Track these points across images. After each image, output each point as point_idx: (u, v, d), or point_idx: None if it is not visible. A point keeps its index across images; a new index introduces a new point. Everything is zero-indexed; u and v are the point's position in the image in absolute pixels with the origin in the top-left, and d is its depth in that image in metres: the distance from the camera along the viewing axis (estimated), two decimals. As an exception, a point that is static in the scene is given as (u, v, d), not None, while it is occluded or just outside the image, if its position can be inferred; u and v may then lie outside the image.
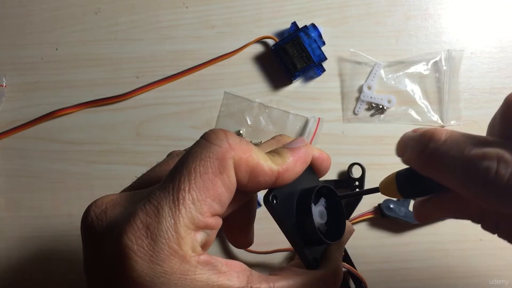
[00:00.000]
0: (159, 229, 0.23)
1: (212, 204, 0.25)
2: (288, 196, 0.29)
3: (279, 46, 0.52)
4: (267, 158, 0.26)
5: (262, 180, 0.26)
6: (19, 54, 0.55)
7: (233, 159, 0.25)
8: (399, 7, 0.56)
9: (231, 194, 0.25)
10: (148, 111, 0.54)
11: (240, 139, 0.26)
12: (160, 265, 0.23)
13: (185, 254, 0.24)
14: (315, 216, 0.29)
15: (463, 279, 0.51)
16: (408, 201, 0.51)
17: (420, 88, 0.54)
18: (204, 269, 0.24)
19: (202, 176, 0.24)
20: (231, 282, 0.25)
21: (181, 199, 0.24)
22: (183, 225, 0.24)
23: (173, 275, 0.23)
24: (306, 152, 0.29)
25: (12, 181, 0.53)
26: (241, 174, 0.25)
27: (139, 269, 0.23)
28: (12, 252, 0.52)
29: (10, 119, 0.54)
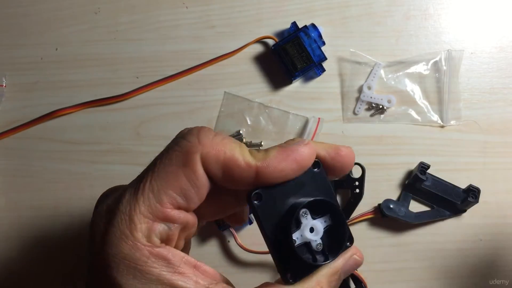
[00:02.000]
0: (115, 213, 0.24)
1: (173, 196, 0.24)
2: (279, 201, 0.26)
3: (279, 46, 0.52)
4: (245, 153, 0.26)
5: (237, 175, 0.25)
6: (19, 54, 0.55)
7: (200, 153, 0.25)
8: (399, 7, 0.56)
9: (198, 188, 0.25)
10: (148, 111, 0.54)
11: (214, 135, 0.26)
12: (110, 247, 0.24)
13: (136, 241, 0.24)
14: (305, 230, 0.27)
15: (463, 279, 0.51)
16: (409, 201, 0.51)
17: (420, 88, 0.54)
18: (157, 263, 0.24)
19: (166, 168, 0.25)
20: (185, 285, 0.24)
21: (141, 188, 0.24)
22: (139, 212, 0.24)
23: (122, 260, 0.23)
24: (298, 151, 0.26)
25: (12, 181, 0.53)
26: (213, 168, 0.25)
27: (96, 247, 0.25)
28: (12, 252, 0.52)
29: (10, 119, 0.54)
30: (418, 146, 0.53)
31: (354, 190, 0.51)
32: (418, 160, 0.51)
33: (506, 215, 0.52)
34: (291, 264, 0.26)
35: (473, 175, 0.52)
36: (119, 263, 0.24)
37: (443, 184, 0.51)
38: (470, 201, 0.49)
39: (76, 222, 0.52)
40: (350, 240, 0.28)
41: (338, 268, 0.27)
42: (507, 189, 0.52)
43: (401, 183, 0.52)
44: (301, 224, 0.27)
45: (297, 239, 0.26)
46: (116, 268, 0.24)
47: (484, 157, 0.53)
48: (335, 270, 0.27)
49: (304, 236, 0.26)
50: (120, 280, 0.23)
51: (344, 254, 0.28)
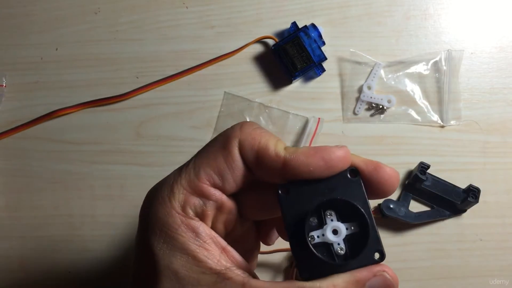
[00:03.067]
0: (162, 183, 0.27)
1: (211, 174, 0.27)
2: (306, 198, 0.26)
3: (279, 46, 0.52)
4: (278, 145, 0.27)
5: (267, 163, 0.27)
6: (19, 54, 0.55)
7: (238, 139, 0.27)
8: (399, 7, 0.56)
9: (233, 170, 0.27)
10: (148, 111, 0.54)
11: (256, 127, 0.28)
12: (151, 210, 0.26)
13: (171, 207, 0.26)
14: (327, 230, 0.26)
15: (463, 279, 0.51)
16: (408, 201, 0.51)
17: (420, 88, 0.54)
18: (186, 233, 0.26)
19: (208, 149, 0.28)
20: (207, 259, 0.25)
21: (186, 164, 0.27)
22: (179, 184, 0.26)
23: (157, 223, 0.26)
24: (328, 150, 0.26)
25: (12, 181, 0.53)
26: (247, 154, 0.27)
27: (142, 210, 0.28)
28: (12, 252, 0.52)
29: (10, 119, 0.54)
30: (418, 146, 0.53)
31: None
32: (418, 160, 0.51)
33: (506, 215, 0.52)
34: (310, 262, 0.26)
35: (473, 175, 0.52)
36: (154, 225, 0.26)
37: (443, 184, 0.51)
38: (470, 201, 0.49)
39: (76, 222, 0.52)
40: (380, 255, 0.26)
41: (361, 278, 0.25)
42: (507, 189, 0.52)
43: (401, 183, 0.52)
44: (325, 223, 0.26)
45: (317, 237, 0.26)
46: (152, 230, 0.26)
47: (484, 157, 0.53)
48: (357, 279, 0.25)
49: (325, 236, 0.26)
50: (152, 241, 0.26)
51: (371, 268, 0.26)
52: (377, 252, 0.26)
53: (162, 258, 0.25)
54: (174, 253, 0.25)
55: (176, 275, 0.25)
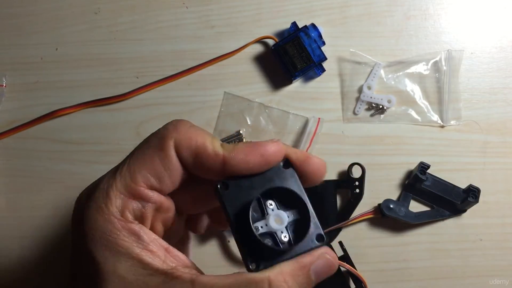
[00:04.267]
0: (95, 190, 0.27)
1: (147, 177, 0.27)
2: (245, 192, 0.27)
3: (279, 46, 0.52)
4: (215, 143, 0.27)
5: (206, 162, 0.27)
6: (19, 54, 0.55)
7: (174, 139, 0.27)
8: (399, 7, 0.56)
9: (170, 171, 0.27)
10: (148, 111, 0.54)
11: (190, 126, 0.28)
12: (87, 219, 0.26)
13: (109, 214, 0.26)
14: (270, 220, 0.27)
15: (463, 279, 0.51)
16: (408, 201, 0.51)
17: (420, 88, 0.54)
18: (128, 237, 0.26)
19: (143, 151, 0.27)
20: (152, 261, 0.25)
21: (120, 168, 0.27)
22: (115, 189, 0.26)
23: (96, 231, 0.26)
24: (264, 146, 0.27)
25: (12, 181, 0.53)
26: (184, 154, 0.27)
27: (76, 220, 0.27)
28: (12, 252, 0.52)
29: (10, 119, 0.54)
30: (418, 146, 0.53)
31: (354, 190, 0.51)
32: (418, 160, 0.51)
33: (506, 215, 0.52)
34: (255, 253, 0.26)
35: (473, 175, 0.52)
36: (94, 234, 0.25)
37: (443, 184, 0.51)
38: (470, 201, 0.49)
39: (76, 222, 0.52)
40: (320, 239, 0.27)
41: (306, 263, 0.26)
42: (507, 189, 0.52)
43: (401, 183, 0.52)
44: (267, 214, 0.27)
45: (261, 227, 0.27)
46: (91, 239, 0.25)
47: (484, 157, 0.53)
48: (302, 264, 0.26)
49: (269, 225, 0.27)
50: (94, 251, 0.25)
51: (313, 252, 0.27)
52: (317, 236, 0.27)
53: (106, 265, 0.25)
54: (118, 258, 0.25)
55: (123, 280, 0.25)
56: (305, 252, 0.27)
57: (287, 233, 0.27)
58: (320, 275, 0.27)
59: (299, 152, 0.29)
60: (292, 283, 0.26)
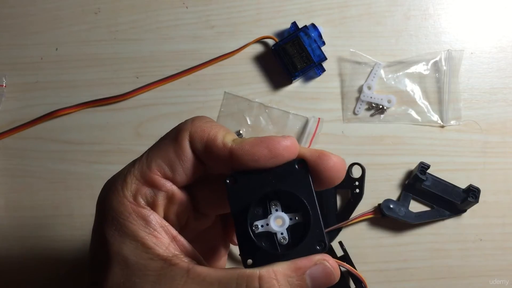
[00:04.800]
0: (118, 175, 0.28)
1: (161, 165, 0.28)
2: (254, 188, 0.27)
3: (279, 46, 0.52)
4: (227, 136, 0.28)
5: (215, 153, 0.27)
6: (19, 54, 0.55)
7: (189, 131, 0.28)
8: (399, 7, 0.56)
9: (183, 162, 0.28)
10: (148, 111, 0.54)
11: (208, 121, 0.29)
12: (105, 199, 0.27)
13: (123, 197, 0.27)
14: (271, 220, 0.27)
15: (463, 279, 0.51)
16: (409, 201, 0.51)
17: (420, 88, 0.54)
18: (137, 220, 0.27)
19: (161, 141, 0.29)
20: (155, 246, 0.26)
21: (141, 157, 0.29)
22: (132, 174, 0.28)
23: (110, 211, 0.27)
24: (273, 139, 0.27)
25: (12, 181, 0.53)
26: (197, 146, 0.28)
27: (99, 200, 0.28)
28: (12, 252, 0.52)
29: (10, 119, 0.54)
30: (418, 146, 0.53)
31: (354, 190, 0.51)
32: (418, 160, 0.51)
33: (506, 215, 0.52)
34: (253, 250, 0.26)
35: (473, 175, 0.52)
36: (108, 214, 0.27)
37: (443, 184, 0.51)
38: (470, 201, 0.49)
39: (76, 222, 0.52)
40: (323, 245, 0.26)
41: (301, 266, 0.25)
42: (507, 189, 0.52)
43: (401, 183, 0.52)
44: (269, 213, 0.27)
45: (261, 226, 0.27)
46: (105, 218, 0.27)
47: (484, 157, 0.53)
48: (297, 266, 0.25)
49: (269, 225, 0.27)
50: (105, 229, 0.27)
51: (312, 257, 0.26)
52: (319, 242, 0.26)
53: (113, 245, 0.26)
54: (124, 239, 0.26)
55: (126, 261, 0.26)
56: (303, 256, 0.26)
57: (287, 235, 0.27)
58: (316, 281, 0.26)
59: (314, 150, 0.28)
60: (283, 282, 0.25)
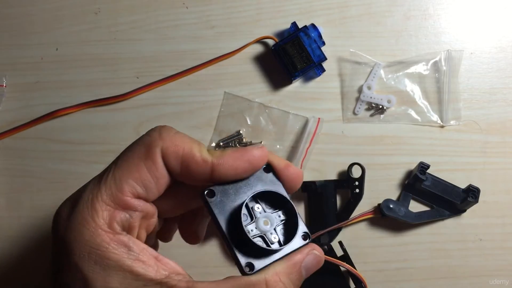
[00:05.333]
0: (78, 202, 0.26)
1: (134, 186, 0.26)
2: (232, 197, 0.28)
3: (279, 46, 0.52)
4: (203, 150, 0.27)
5: (195, 170, 0.27)
6: (19, 54, 0.55)
7: (160, 147, 0.27)
8: (399, 7, 0.56)
9: (157, 179, 0.27)
10: (148, 111, 0.54)
11: (175, 132, 0.28)
12: (72, 233, 0.25)
13: (96, 227, 0.25)
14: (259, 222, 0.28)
15: (463, 279, 0.51)
16: (408, 200, 0.51)
17: (420, 88, 0.54)
18: (118, 249, 0.25)
19: (128, 159, 0.27)
20: (145, 271, 0.25)
21: (104, 178, 0.26)
22: (101, 200, 0.25)
23: (84, 246, 0.25)
24: (251, 151, 0.28)
25: (12, 181, 0.53)
26: (171, 162, 0.27)
27: (59, 234, 0.25)
28: (12, 252, 0.52)
29: (10, 119, 0.54)
30: (418, 146, 0.53)
31: (354, 190, 0.51)
32: (418, 160, 0.51)
33: (505, 215, 0.52)
34: (248, 256, 0.27)
35: (473, 175, 0.52)
36: (81, 248, 0.25)
37: (443, 184, 0.51)
38: (469, 201, 0.49)
39: (76, 222, 0.52)
40: (307, 237, 0.29)
41: (296, 261, 0.28)
42: (507, 189, 0.52)
43: (401, 183, 0.52)
44: (255, 217, 0.28)
45: (252, 231, 0.28)
46: (78, 254, 0.24)
47: (484, 157, 0.53)
48: (293, 262, 0.28)
49: (259, 227, 0.28)
50: (81, 265, 0.24)
51: (302, 250, 0.29)
52: (303, 235, 0.29)
53: (97, 280, 0.24)
54: (109, 272, 0.24)
55: None
56: (294, 250, 0.28)
57: (276, 233, 0.29)
58: (309, 270, 0.28)
59: (281, 160, 0.30)
60: (286, 281, 0.27)
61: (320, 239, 0.49)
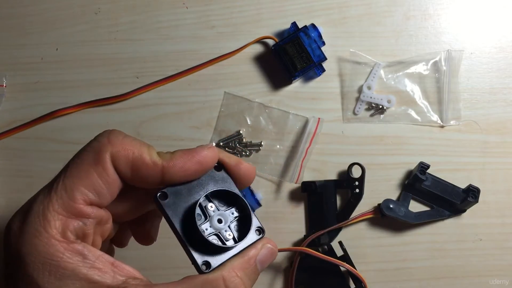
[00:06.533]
0: (29, 213, 0.25)
1: (86, 193, 0.26)
2: (184, 198, 0.29)
3: (279, 46, 0.52)
4: (153, 153, 0.27)
5: (145, 173, 0.27)
6: (19, 54, 0.55)
7: (109, 152, 0.26)
8: (399, 7, 0.56)
9: (109, 185, 0.27)
10: (148, 111, 0.54)
11: (124, 136, 0.27)
12: (25, 245, 0.24)
13: (49, 237, 0.24)
14: (213, 221, 0.29)
15: (463, 279, 0.51)
16: (408, 201, 0.51)
17: (419, 88, 0.54)
18: (73, 258, 0.25)
19: (78, 166, 0.26)
20: (101, 278, 0.25)
21: (54, 187, 0.26)
22: (52, 210, 0.25)
23: (37, 257, 0.24)
24: (201, 153, 0.28)
25: (12, 181, 0.53)
26: (122, 167, 0.27)
27: (11, 246, 0.25)
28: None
29: (10, 119, 0.54)
30: (418, 146, 0.53)
31: (354, 190, 0.51)
32: (418, 160, 0.51)
33: (505, 215, 0.52)
34: (204, 255, 0.28)
35: (473, 175, 0.52)
36: (35, 260, 0.24)
37: (443, 184, 0.51)
38: (469, 201, 0.49)
39: (76, 222, 0.52)
40: (261, 231, 0.30)
41: (251, 256, 0.28)
42: (507, 189, 0.52)
43: (401, 183, 0.52)
44: (209, 216, 0.29)
45: (206, 230, 0.29)
46: (32, 265, 0.24)
47: (484, 157, 0.53)
48: (248, 258, 0.28)
49: (213, 226, 0.29)
50: (36, 277, 0.24)
51: (256, 244, 0.29)
52: (257, 230, 0.30)
53: None
54: (64, 282, 0.24)
55: None
56: (248, 246, 0.29)
57: (230, 230, 0.29)
58: (264, 263, 0.29)
59: (232, 157, 0.30)
60: (243, 276, 0.27)
61: (320, 239, 0.49)
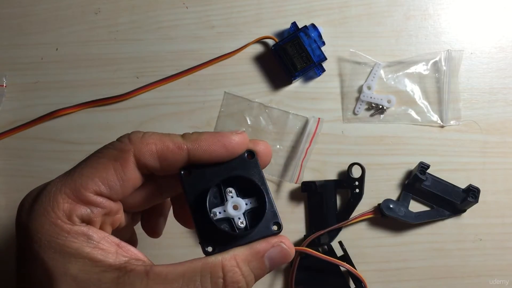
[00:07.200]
0: (42, 193, 0.26)
1: (98, 184, 0.26)
2: (208, 179, 0.28)
3: (279, 46, 0.52)
4: (175, 138, 0.28)
5: (172, 159, 0.27)
6: (19, 54, 0.55)
7: (132, 152, 0.27)
8: (399, 7, 0.56)
9: (123, 182, 0.27)
10: (148, 111, 0.54)
11: (143, 133, 0.28)
12: (33, 222, 0.26)
13: (56, 217, 0.25)
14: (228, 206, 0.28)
15: (463, 279, 0.51)
16: (408, 201, 0.51)
17: (419, 88, 0.54)
18: (77, 238, 0.25)
19: (97, 159, 0.27)
20: (104, 257, 0.25)
21: (71, 174, 0.27)
22: (63, 193, 0.26)
23: (44, 235, 0.25)
24: (228, 137, 0.28)
25: (12, 181, 0.53)
26: (149, 162, 0.27)
27: (22, 223, 0.26)
28: (12, 253, 0.51)
29: (10, 119, 0.54)
30: (418, 146, 0.53)
31: (354, 190, 0.51)
32: (418, 160, 0.51)
33: (505, 215, 0.52)
34: (212, 237, 0.27)
35: (472, 175, 0.52)
36: (41, 237, 0.25)
37: (443, 184, 0.51)
38: (469, 201, 0.49)
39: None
40: (278, 227, 0.28)
41: (259, 249, 0.27)
42: (507, 189, 0.52)
43: (401, 183, 0.52)
44: (226, 200, 0.28)
45: (219, 213, 0.28)
46: (39, 242, 0.25)
47: (484, 157, 0.53)
48: (255, 250, 0.27)
49: (226, 211, 0.28)
50: (42, 254, 0.25)
51: (270, 239, 0.28)
52: (275, 225, 0.28)
53: (56, 267, 0.25)
54: (68, 259, 0.25)
55: (75, 280, 0.25)
56: (260, 238, 0.28)
57: (245, 219, 0.28)
58: (274, 263, 0.27)
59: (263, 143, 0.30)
60: (245, 268, 0.26)
61: (320, 239, 0.49)
